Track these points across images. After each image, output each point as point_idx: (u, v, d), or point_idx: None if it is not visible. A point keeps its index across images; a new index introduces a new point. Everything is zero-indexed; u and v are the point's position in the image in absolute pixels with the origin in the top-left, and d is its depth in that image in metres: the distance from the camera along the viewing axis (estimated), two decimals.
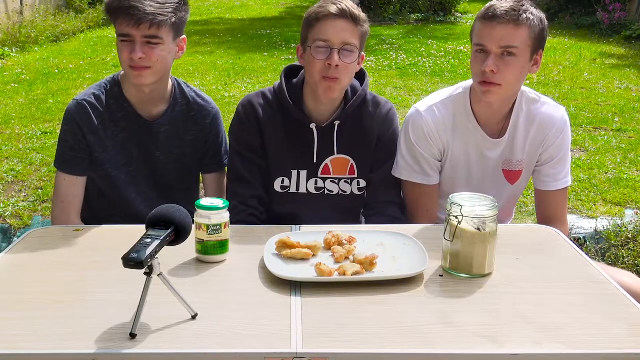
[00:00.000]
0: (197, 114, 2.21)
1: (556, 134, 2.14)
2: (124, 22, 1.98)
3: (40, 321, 1.40)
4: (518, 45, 1.97)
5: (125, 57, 2.01)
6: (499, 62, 1.97)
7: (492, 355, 1.31)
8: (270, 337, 1.34)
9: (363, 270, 1.60)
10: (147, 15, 1.96)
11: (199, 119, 2.21)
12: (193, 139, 2.22)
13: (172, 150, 2.20)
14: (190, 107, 2.20)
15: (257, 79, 7.53)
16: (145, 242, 1.35)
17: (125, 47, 2.01)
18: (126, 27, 1.98)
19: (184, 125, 2.20)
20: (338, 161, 2.13)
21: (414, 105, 2.18)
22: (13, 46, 9.12)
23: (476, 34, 2.03)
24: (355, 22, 2.01)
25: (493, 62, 1.97)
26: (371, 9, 12.90)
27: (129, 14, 1.96)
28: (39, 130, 5.38)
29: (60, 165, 2.13)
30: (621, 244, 3.39)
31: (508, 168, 2.19)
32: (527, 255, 1.77)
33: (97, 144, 2.11)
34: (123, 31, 1.99)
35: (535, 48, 2.03)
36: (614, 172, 4.54)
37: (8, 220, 3.71)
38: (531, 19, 1.98)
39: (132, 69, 2.01)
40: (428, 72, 8.03)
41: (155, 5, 1.98)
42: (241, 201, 2.08)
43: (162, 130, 2.17)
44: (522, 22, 1.97)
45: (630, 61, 8.67)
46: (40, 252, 1.76)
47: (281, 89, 2.12)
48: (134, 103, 2.13)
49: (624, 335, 1.38)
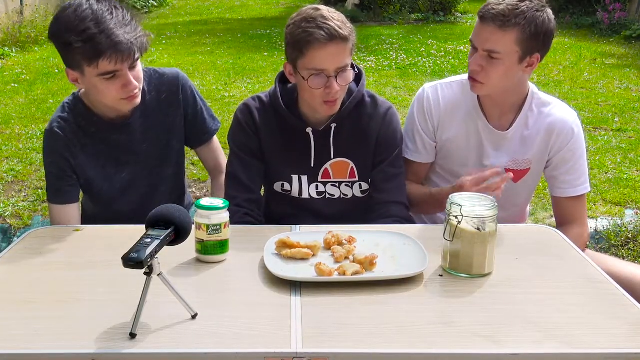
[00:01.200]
0: (167, 93, 2.15)
1: (566, 138, 2.13)
2: (109, 62, 1.85)
3: (40, 321, 1.40)
4: (501, 51, 1.96)
5: (114, 92, 1.93)
6: (483, 62, 2.00)
7: (492, 355, 1.31)
8: (270, 337, 1.34)
9: (363, 270, 1.60)
10: (132, 45, 1.87)
11: (169, 96, 2.15)
12: (173, 119, 2.17)
13: (156, 137, 2.15)
14: (159, 90, 2.14)
15: (257, 79, 7.53)
16: (145, 242, 1.35)
17: (112, 82, 1.91)
18: (113, 65, 1.87)
19: (158, 108, 2.14)
20: (337, 165, 2.11)
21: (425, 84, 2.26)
22: (13, 46, 9.13)
23: (474, 28, 2.06)
24: (345, 41, 1.92)
25: (477, 61, 2.01)
26: (371, 9, 12.91)
27: (117, 52, 1.84)
28: (39, 130, 5.38)
29: (52, 197, 2.09)
30: (621, 244, 3.39)
31: (513, 167, 2.17)
32: (527, 255, 1.77)
33: (82, 165, 2.09)
34: (108, 69, 1.87)
35: (527, 51, 1.99)
36: (614, 172, 4.54)
37: (8, 220, 3.71)
38: (521, 23, 1.94)
39: (124, 100, 1.95)
40: (428, 72, 8.03)
41: (129, 32, 1.88)
42: (236, 203, 2.06)
43: (139, 124, 2.11)
44: (509, 26, 1.94)
45: (630, 61, 8.67)
46: (40, 252, 1.76)
47: (275, 96, 2.09)
48: (103, 114, 2.08)
49: (624, 335, 1.38)
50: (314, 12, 1.93)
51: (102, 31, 1.84)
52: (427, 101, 2.18)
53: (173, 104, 2.17)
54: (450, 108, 2.17)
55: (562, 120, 2.13)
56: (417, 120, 2.20)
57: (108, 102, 1.99)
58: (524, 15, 1.95)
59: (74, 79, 1.96)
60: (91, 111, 2.08)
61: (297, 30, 1.92)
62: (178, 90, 2.17)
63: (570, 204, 2.19)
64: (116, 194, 2.15)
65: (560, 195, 2.19)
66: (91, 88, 1.97)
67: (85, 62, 1.88)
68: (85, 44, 1.84)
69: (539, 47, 2.02)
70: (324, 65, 1.91)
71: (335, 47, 1.90)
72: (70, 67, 1.94)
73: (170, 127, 2.18)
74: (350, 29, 1.94)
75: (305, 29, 1.90)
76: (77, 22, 1.85)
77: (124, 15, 1.91)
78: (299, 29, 1.91)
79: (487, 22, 1.97)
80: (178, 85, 2.17)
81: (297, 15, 1.96)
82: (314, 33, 1.88)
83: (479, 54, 2.01)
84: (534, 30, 1.97)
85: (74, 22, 1.85)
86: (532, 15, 1.97)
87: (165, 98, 2.15)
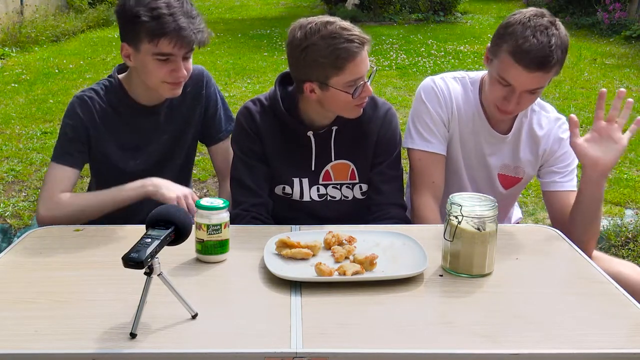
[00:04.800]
0: (191, 87, 2.22)
1: (555, 144, 2.13)
2: (169, 43, 1.96)
3: (40, 321, 1.40)
4: (545, 85, 1.97)
5: (163, 74, 2.01)
6: (521, 98, 1.96)
7: (492, 355, 1.31)
8: (270, 337, 1.34)
9: (363, 270, 1.60)
10: (194, 35, 1.98)
11: (194, 90, 2.23)
12: (193, 112, 2.25)
13: (177, 129, 2.22)
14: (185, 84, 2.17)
15: (257, 79, 7.54)
16: (145, 242, 1.35)
17: (164, 65, 2.00)
18: (171, 48, 1.96)
19: (190, 100, 2.23)
20: (338, 167, 2.11)
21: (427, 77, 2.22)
22: (13, 46, 9.13)
23: (501, 65, 1.94)
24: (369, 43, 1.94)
25: (517, 102, 1.96)
26: (371, 9, 12.91)
27: (179, 36, 1.95)
28: (39, 130, 5.38)
29: (58, 157, 2.10)
30: (621, 244, 3.39)
31: (504, 172, 2.17)
32: (527, 255, 1.77)
33: (101, 138, 2.12)
34: (164, 51, 1.97)
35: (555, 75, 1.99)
36: (614, 172, 4.53)
37: (8, 220, 3.71)
38: (560, 58, 1.91)
39: (168, 84, 2.03)
40: (428, 72, 8.03)
41: (193, 22, 1.99)
42: (244, 208, 2.05)
43: (165, 114, 2.19)
44: (552, 66, 1.90)
45: (630, 61, 8.67)
46: (40, 252, 1.76)
47: (275, 99, 2.07)
48: (136, 98, 2.14)
49: (624, 335, 1.39)
50: (332, 27, 1.90)
51: (171, 14, 1.95)
52: (439, 90, 2.13)
53: (196, 98, 2.25)
54: (457, 103, 2.13)
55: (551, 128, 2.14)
56: (430, 107, 2.12)
57: (152, 83, 2.05)
58: (560, 48, 1.90)
59: (127, 54, 2.04)
60: (126, 93, 2.14)
61: (327, 49, 1.88)
62: (203, 85, 2.26)
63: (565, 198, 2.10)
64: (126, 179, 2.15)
65: (553, 189, 2.13)
66: (141, 67, 2.03)
67: (146, 38, 1.96)
68: (153, 20, 1.94)
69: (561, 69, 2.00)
70: (362, 73, 1.93)
71: (365, 52, 1.92)
72: (127, 42, 2.02)
73: (190, 120, 2.25)
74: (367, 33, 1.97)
75: (336, 45, 1.88)
76: (150, 0, 1.96)
77: (192, 10, 2.01)
78: (330, 47, 1.88)
79: (531, 69, 1.89)
80: (203, 81, 2.26)
81: (314, 35, 1.90)
82: (349, 48, 1.88)
83: (518, 94, 1.94)
84: (565, 53, 1.95)
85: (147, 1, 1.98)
86: (561, 42, 1.92)
87: (189, 91, 2.22)
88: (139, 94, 2.14)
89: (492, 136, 2.14)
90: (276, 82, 2.12)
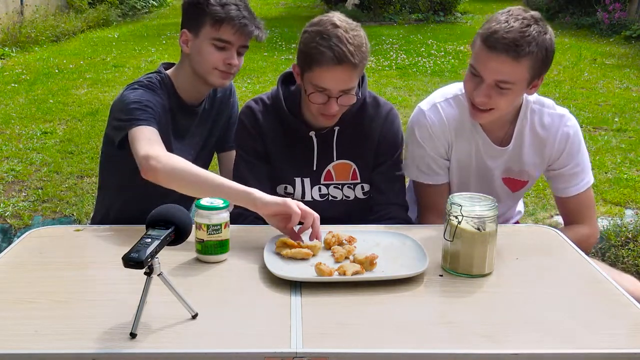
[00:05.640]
0: (222, 93, 2.30)
1: (560, 143, 2.06)
2: (231, 30, 2.04)
3: (40, 321, 1.40)
4: (514, 82, 1.86)
5: (217, 60, 2.06)
6: (492, 91, 1.87)
7: (492, 355, 1.31)
8: (270, 337, 1.34)
9: (363, 270, 1.60)
10: (255, 29, 2.08)
11: (223, 97, 2.31)
12: (220, 118, 2.30)
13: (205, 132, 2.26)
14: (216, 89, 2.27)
15: (257, 78, 7.53)
16: (145, 242, 1.34)
17: (219, 51, 2.06)
18: (232, 35, 2.05)
19: (218, 104, 2.29)
20: (340, 166, 2.10)
21: (419, 105, 2.13)
22: (13, 46, 9.14)
23: (474, 53, 1.91)
24: (354, 66, 1.88)
25: (485, 93, 1.88)
26: (371, 9, 12.91)
27: (241, 24, 2.05)
28: (39, 130, 5.38)
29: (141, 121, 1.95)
30: (621, 244, 3.39)
31: (509, 176, 2.14)
32: (527, 255, 1.77)
33: None
34: (225, 37, 2.05)
35: (536, 75, 1.90)
36: (614, 172, 4.54)
37: (8, 220, 3.71)
38: (534, 51, 1.83)
39: (219, 71, 2.08)
40: (428, 72, 8.03)
41: (255, 18, 2.11)
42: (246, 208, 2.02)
43: (200, 115, 2.23)
44: (523, 56, 1.82)
45: (630, 61, 8.67)
46: (40, 252, 1.76)
47: (278, 99, 2.07)
48: (182, 94, 2.17)
49: (624, 335, 1.38)
50: (332, 28, 1.88)
51: (236, 4, 2.07)
52: (431, 126, 2.06)
53: (224, 104, 2.32)
54: (454, 126, 2.07)
55: (555, 127, 2.06)
56: (424, 145, 2.07)
57: (204, 69, 2.09)
58: (536, 41, 1.82)
59: (185, 40, 2.12)
60: (174, 88, 2.16)
61: (310, 43, 1.89)
62: (230, 93, 2.34)
63: (576, 202, 2.10)
64: None
65: (564, 195, 2.12)
66: (196, 52, 2.09)
67: (209, 22, 2.05)
68: (220, 7, 2.05)
69: (546, 70, 1.93)
70: (327, 86, 1.90)
71: (342, 71, 1.87)
72: (187, 28, 2.10)
73: (217, 125, 2.30)
74: (363, 54, 1.90)
75: (317, 45, 1.87)
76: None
77: (250, 9, 2.11)
78: (312, 42, 1.88)
79: (497, 52, 1.82)
80: (230, 89, 2.34)
81: (315, 26, 1.92)
82: (324, 53, 1.85)
83: (486, 85, 1.87)
84: (544, 55, 1.86)
85: None
86: (542, 39, 1.84)
87: (219, 97, 2.29)
88: (184, 90, 2.16)
89: (492, 149, 2.09)
90: (278, 82, 2.12)
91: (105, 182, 2.29)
